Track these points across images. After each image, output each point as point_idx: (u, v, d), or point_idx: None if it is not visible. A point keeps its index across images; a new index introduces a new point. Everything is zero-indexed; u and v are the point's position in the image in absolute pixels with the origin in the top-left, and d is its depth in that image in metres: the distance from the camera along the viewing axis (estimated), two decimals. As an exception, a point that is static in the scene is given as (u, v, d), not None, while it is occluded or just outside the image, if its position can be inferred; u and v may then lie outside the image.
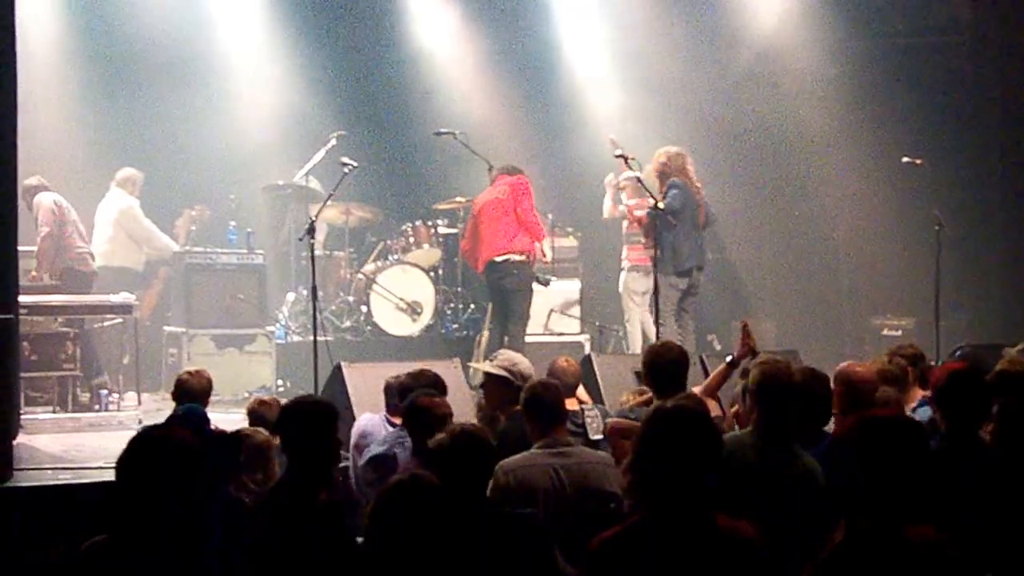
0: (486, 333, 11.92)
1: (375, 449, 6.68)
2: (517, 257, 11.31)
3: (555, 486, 5.80)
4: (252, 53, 14.18)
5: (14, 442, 7.85)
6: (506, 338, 11.23)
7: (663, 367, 6.67)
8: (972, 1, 13.99)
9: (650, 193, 10.42)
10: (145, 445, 4.08)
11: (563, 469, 5.87)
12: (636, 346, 12.36)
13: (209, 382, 7.25)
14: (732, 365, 7.23)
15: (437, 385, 6.87)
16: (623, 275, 12.54)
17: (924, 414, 6.34)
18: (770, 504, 5.01)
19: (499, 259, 11.29)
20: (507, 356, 7.43)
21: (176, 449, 4.05)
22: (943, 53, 14.03)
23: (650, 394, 6.95)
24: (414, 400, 6.35)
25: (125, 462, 4.04)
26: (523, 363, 7.32)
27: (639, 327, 12.54)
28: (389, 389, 7.28)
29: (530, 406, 6.14)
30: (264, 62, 14.20)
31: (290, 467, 5.29)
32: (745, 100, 14.12)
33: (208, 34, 13.99)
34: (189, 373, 7.30)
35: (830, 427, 6.03)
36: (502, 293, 11.40)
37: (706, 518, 3.85)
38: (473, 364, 9.21)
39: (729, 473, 4.53)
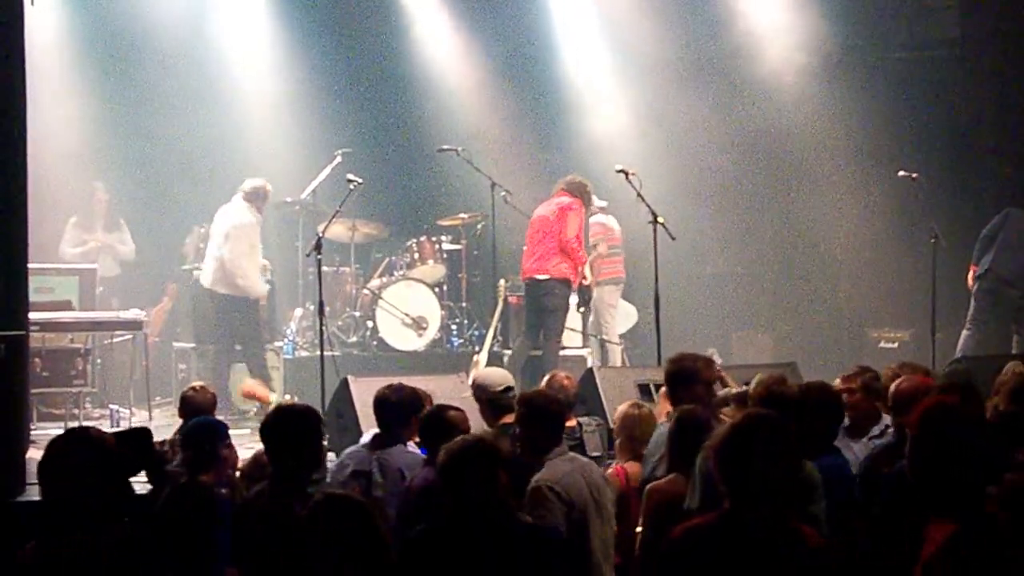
0: (484, 354, 12.03)
1: (354, 465, 6.78)
2: (560, 277, 11.44)
3: (591, 494, 5.92)
4: (258, 71, 14.30)
5: (26, 457, 7.98)
6: (539, 351, 11.41)
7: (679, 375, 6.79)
8: (966, 17, 14.07)
9: (648, 207, 10.52)
10: (61, 444, 4.30)
11: (584, 476, 5.96)
12: (616, 359, 12.54)
13: (214, 397, 7.37)
14: None
15: (416, 398, 6.99)
16: (597, 289, 12.68)
17: None
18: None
19: (541, 277, 11.41)
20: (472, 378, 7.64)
21: (90, 446, 4.24)
22: (938, 68, 14.08)
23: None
24: (435, 413, 6.43)
25: (43, 462, 4.26)
26: (480, 376, 7.50)
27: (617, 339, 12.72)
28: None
29: (533, 419, 6.10)
30: (270, 80, 14.32)
31: (273, 473, 5.46)
32: (742, 114, 14.19)
33: (215, 53, 14.10)
34: (194, 389, 7.41)
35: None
36: (540, 311, 11.49)
37: (779, 521, 4.05)
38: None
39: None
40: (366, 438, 7.07)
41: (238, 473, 6.25)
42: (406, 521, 5.73)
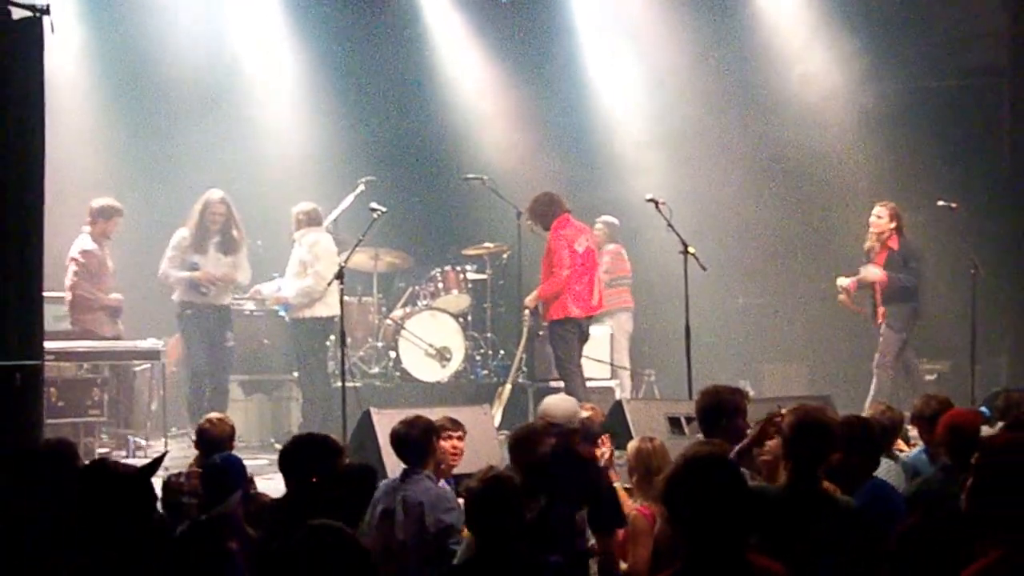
0: (509, 385, 11.84)
1: (383, 504, 6.56)
2: None
3: None
4: (282, 98, 14.27)
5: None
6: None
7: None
8: (1009, 44, 13.89)
9: (679, 237, 10.38)
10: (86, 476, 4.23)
11: None
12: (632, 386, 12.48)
13: (232, 428, 7.16)
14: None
15: (432, 429, 6.81)
16: (613, 317, 12.59)
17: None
18: (800, 540, 5.06)
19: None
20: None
21: (113, 479, 4.15)
22: (979, 96, 13.95)
23: None
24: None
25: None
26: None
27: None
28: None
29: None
30: (293, 108, 14.28)
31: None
32: (780, 143, 14.08)
33: (238, 81, 14.09)
34: (211, 421, 7.18)
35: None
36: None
37: (736, 557, 3.90)
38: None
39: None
40: (396, 473, 6.91)
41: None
42: None
